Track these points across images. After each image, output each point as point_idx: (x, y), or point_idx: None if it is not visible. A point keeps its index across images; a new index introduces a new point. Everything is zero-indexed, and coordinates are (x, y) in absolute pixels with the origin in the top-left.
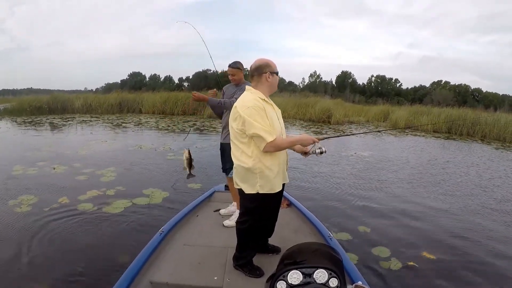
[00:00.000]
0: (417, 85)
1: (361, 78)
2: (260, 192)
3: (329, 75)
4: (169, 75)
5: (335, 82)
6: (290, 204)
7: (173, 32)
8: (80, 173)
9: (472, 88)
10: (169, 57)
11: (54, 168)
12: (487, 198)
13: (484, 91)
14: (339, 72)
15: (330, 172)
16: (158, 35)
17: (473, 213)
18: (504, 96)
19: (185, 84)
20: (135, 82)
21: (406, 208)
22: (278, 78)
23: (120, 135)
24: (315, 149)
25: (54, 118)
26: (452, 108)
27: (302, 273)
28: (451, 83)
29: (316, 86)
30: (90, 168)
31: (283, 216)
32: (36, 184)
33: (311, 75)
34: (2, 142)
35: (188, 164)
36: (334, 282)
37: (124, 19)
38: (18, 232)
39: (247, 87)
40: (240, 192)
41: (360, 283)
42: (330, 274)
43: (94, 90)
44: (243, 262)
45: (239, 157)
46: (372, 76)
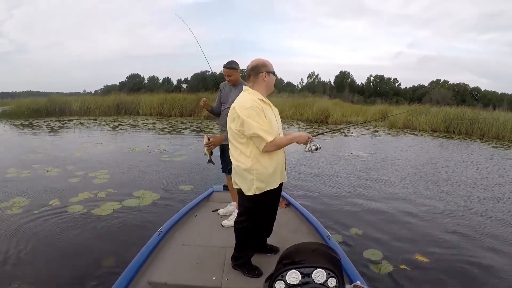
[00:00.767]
0: (416, 85)
1: (360, 78)
2: (257, 193)
3: (328, 75)
4: (168, 77)
5: (334, 82)
6: (288, 204)
7: (173, 33)
8: (73, 175)
9: (471, 87)
10: (168, 58)
11: (48, 171)
12: (487, 199)
13: (483, 89)
14: (337, 72)
15: (329, 172)
16: (157, 36)
17: (473, 213)
18: (503, 94)
19: (184, 85)
20: (134, 84)
21: (406, 208)
22: (275, 78)
23: (116, 137)
24: (310, 146)
25: (52, 120)
26: (451, 107)
27: (301, 273)
28: (450, 82)
29: (314, 86)
30: (84, 170)
31: (281, 216)
32: (29, 187)
33: (309, 76)
34: None
35: (208, 151)
36: (332, 282)
37: (124, 19)
38: (7, 234)
39: (244, 87)
40: (239, 192)
41: (358, 282)
42: (329, 274)
43: (92, 92)
44: (242, 262)
45: (238, 158)
46: (371, 76)
